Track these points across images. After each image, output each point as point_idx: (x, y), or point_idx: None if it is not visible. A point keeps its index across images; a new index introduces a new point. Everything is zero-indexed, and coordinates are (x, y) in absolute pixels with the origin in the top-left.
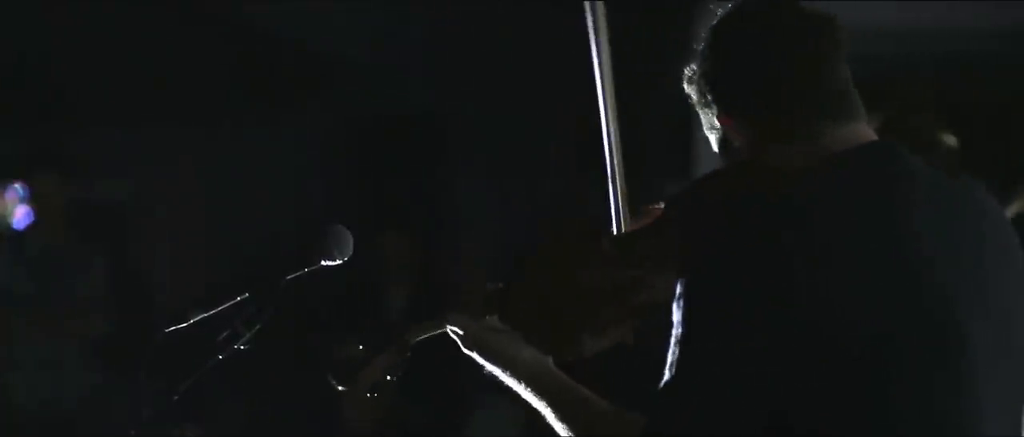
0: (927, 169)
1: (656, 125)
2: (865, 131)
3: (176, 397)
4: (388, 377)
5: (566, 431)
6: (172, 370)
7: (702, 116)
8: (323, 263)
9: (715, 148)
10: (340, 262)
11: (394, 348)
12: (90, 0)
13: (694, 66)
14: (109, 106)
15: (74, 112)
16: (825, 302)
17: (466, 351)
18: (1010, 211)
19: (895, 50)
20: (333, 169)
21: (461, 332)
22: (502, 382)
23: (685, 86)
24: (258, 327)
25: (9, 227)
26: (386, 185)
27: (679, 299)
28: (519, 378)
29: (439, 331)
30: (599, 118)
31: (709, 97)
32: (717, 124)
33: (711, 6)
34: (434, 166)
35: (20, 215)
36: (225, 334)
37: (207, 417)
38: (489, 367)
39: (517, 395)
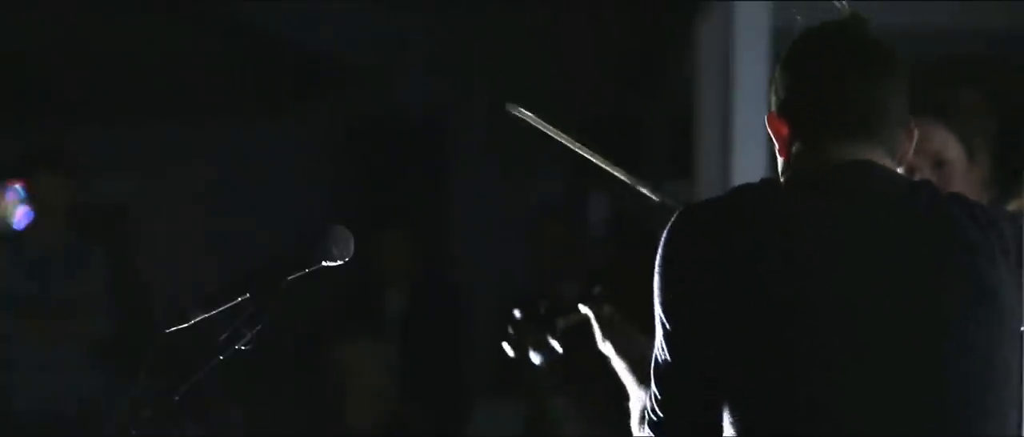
0: (895, 192)
1: (657, 125)
2: (860, 150)
3: (176, 397)
4: (550, 349)
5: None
6: (172, 370)
7: None
8: (324, 264)
9: None
10: (341, 263)
11: (541, 330)
12: (91, 0)
13: None
14: (109, 106)
15: (74, 112)
16: (707, 308)
17: (600, 341)
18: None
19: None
20: (333, 169)
21: (595, 322)
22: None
23: None
24: (259, 327)
25: (9, 227)
26: (386, 185)
27: None
28: (624, 365)
29: (581, 319)
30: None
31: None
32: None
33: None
34: (434, 166)
35: (20, 215)
36: (226, 334)
37: (207, 417)
38: (612, 358)
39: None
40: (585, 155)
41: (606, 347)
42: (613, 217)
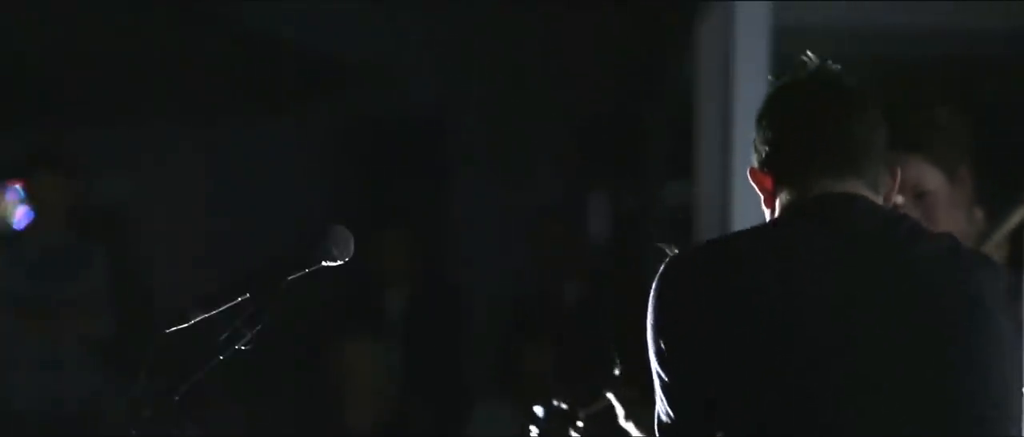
0: (883, 224)
1: (657, 125)
2: (846, 185)
3: (176, 397)
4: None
5: None
6: (172, 370)
7: None
8: (324, 264)
9: None
10: (341, 263)
11: (563, 424)
12: (91, 0)
13: None
14: (109, 105)
15: (74, 112)
16: (697, 341)
17: (623, 420)
18: (1015, 218)
19: (896, 51)
20: (334, 169)
21: (618, 407)
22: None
23: None
24: (259, 327)
25: (9, 227)
26: (386, 185)
27: None
28: None
29: (604, 405)
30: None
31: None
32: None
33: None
34: (434, 167)
35: (20, 215)
36: (226, 334)
37: (207, 417)
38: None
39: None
40: None
41: (629, 426)
42: (613, 217)
